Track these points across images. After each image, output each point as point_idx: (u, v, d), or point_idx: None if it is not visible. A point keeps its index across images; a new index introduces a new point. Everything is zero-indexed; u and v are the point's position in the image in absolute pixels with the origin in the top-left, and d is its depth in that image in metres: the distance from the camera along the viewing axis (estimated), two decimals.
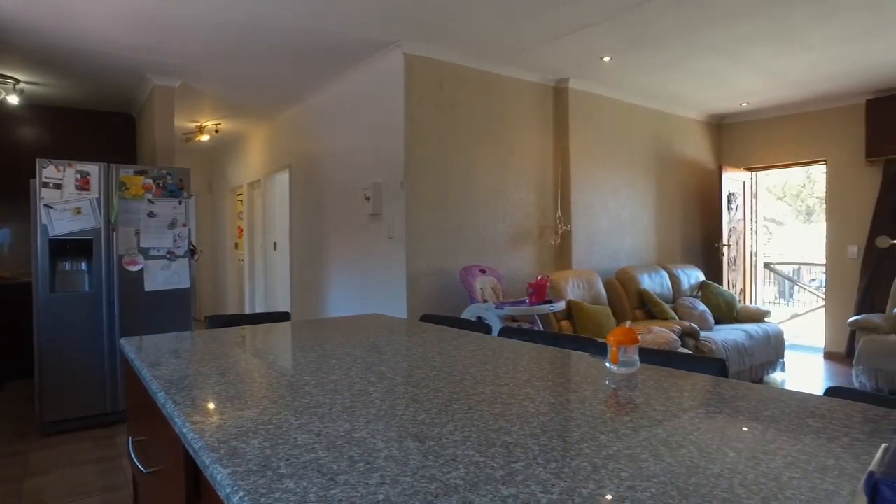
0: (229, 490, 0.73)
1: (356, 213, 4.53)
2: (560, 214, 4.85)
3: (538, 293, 3.75)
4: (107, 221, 3.65)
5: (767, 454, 0.83)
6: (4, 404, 4.22)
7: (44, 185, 3.44)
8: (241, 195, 7.53)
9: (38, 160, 3.45)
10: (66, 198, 3.51)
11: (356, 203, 4.50)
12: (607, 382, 1.26)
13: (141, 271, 3.77)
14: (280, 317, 2.39)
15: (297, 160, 5.68)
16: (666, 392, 1.17)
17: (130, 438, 1.57)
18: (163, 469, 1.23)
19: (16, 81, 4.63)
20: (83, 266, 3.65)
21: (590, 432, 0.93)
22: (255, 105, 5.67)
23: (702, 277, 5.58)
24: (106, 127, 5.64)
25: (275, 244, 6.73)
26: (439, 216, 4.11)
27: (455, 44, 3.98)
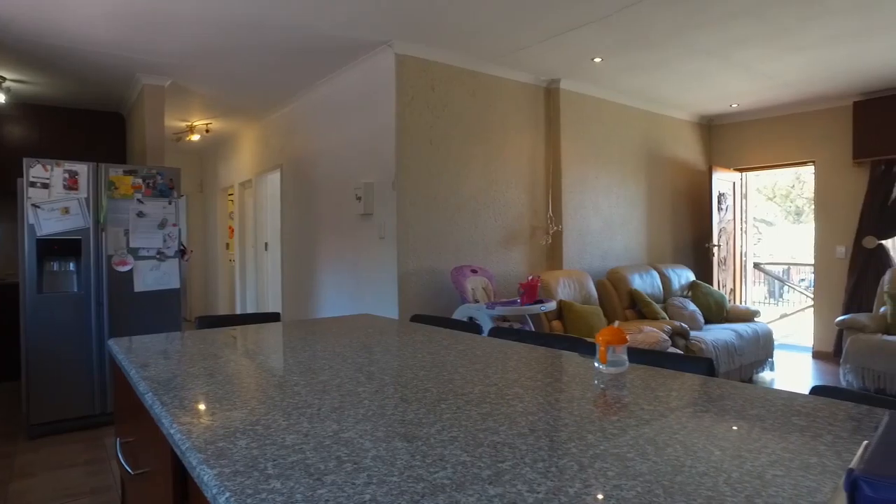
0: (216, 491, 0.73)
1: (347, 213, 4.52)
2: (551, 215, 4.86)
3: (529, 293, 3.76)
4: (95, 221, 3.62)
5: (752, 452, 0.84)
6: None
7: (31, 185, 3.41)
8: (232, 195, 7.50)
9: (25, 159, 3.42)
10: (54, 197, 3.48)
11: (347, 203, 4.49)
12: (596, 382, 1.27)
13: (130, 272, 3.74)
14: (270, 317, 2.38)
15: (289, 160, 5.66)
16: (653, 391, 1.18)
17: (118, 440, 1.56)
18: (150, 470, 1.23)
19: (2, 79, 4.58)
20: (71, 266, 3.62)
21: (577, 432, 0.93)
22: (246, 105, 5.64)
23: (692, 277, 5.62)
24: (95, 126, 5.60)
25: (266, 244, 6.71)
26: (431, 216, 4.11)
27: (446, 44, 3.98)
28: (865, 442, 0.65)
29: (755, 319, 5.17)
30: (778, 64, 4.49)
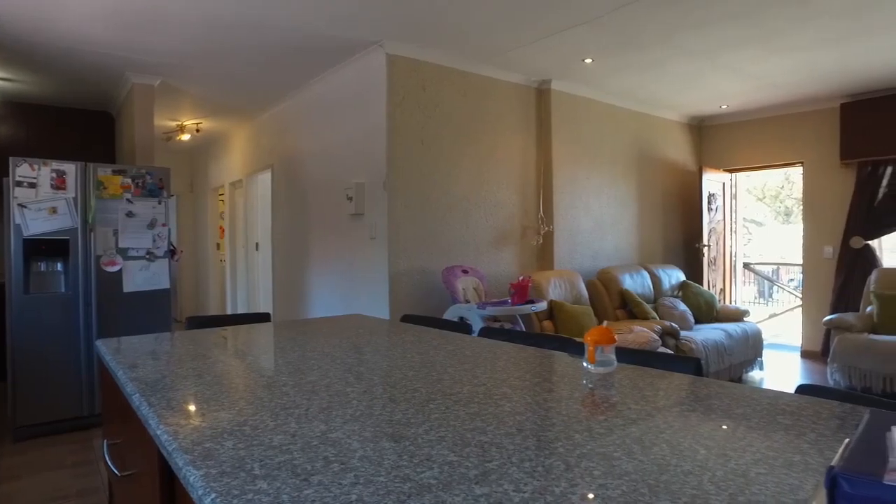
0: (202, 492, 0.72)
1: (338, 214, 4.51)
2: (542, 215, 4.87)
3: (520, 293, 3.76)
4: (84, 221, 3.59)
5: (737, 451, 0.84)
6: None
7: (17, 184, 3.37)
8: (223, 195, 7.46)
9: (12, 158, 3.39)
10: (42, 197, 3.45)
11: (338, 203, 4.48)
12: (584, 382, 1.28)
13: (119, 272, 3.71)
14: (260, 317, 2.37)
15: (280, 160, 5.64)
16: (641, 391, 1.19)
17: (105, 441, 1.55)
18: (137, 472, 1.22)
19: None
20: (59, 267, 3.59)
21: (564, 431, 0.94)
22: (237, 104, 5.62)
23: (682, 277, 5.65)
24: (83, 125, 5.55)
25: (257, 244, 6.68)
26: (422, 216, 4.11)
27: (437, 44, 3.98)
28: (847, 440, 0.66)
29: (745, 319, 5.21)
30: (767, 66, 4.53)
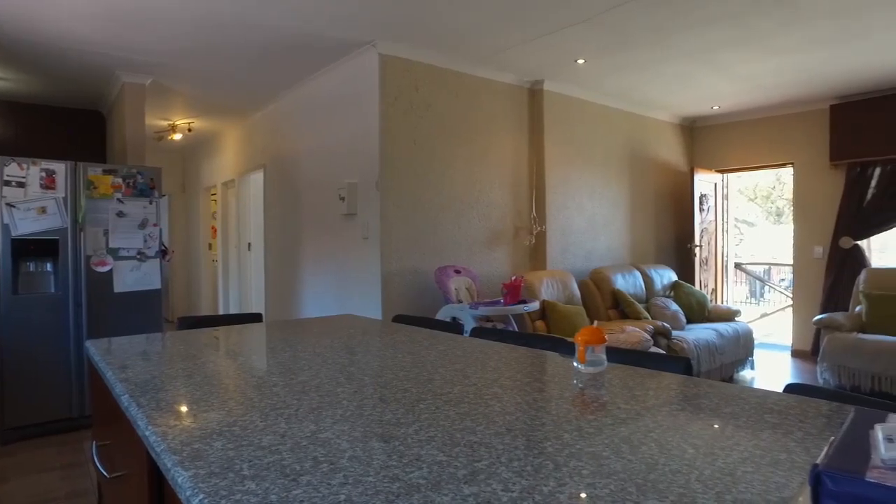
0: (189, 493, 0.72)
1: (331, 214, 4.50)
2: (535, 215, 4.88)
3: (512, 293, 3.77)
4: (74, 221, 3.57)
5: (725, 450, 0.85)
6: None
7: (5, 184, 3.35)
8: (215, 195, 7.42)
9: (0, 157, 3.36)
10: (30, 196, 3.42)
11: (331, 203, 4.47)
12: (574, 382, 1.28)
13: (110, 272, 3.69)
14: (252, 318, 2.36)
15: (272, 160, 5.62)
16: (631, 391, 1.19)
17: (94, 443, 1.54)
18: (126, 473, 1.21)
19: None
20: (48, 267, 3.56)
21: (554, 431, 0.94)
22: (229, 104, 5.59)
23: (674, 277, 5.68)
24: (73, 124, 5.51)
25: (249, 245, 6.65)
26: (414, 217, 4.11)
27: (430, 44, 3.98)
28: (832, 438, 0.66)
29: (736, 319, 5.24)
30: (757, 67, 4.56)
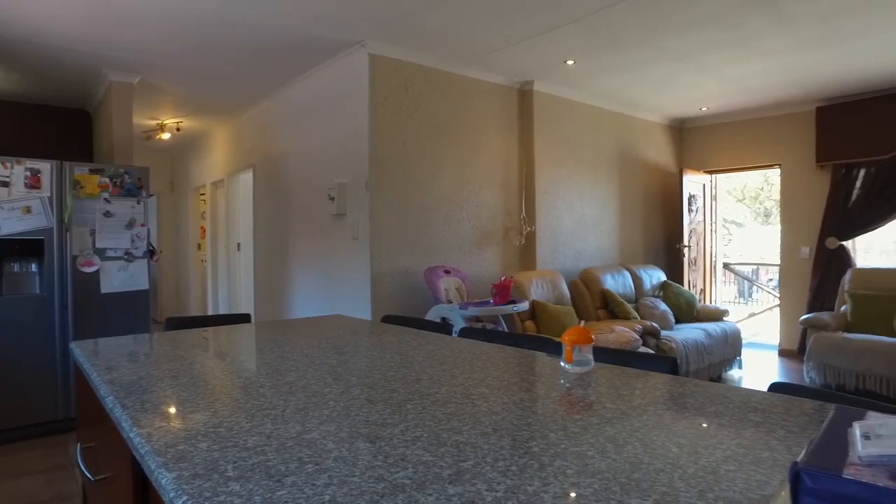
0: (173, 494, 0.72)
1: (320, 214, 4.49)
2: (524, 215, 4.90)
3: (502, 294, 3.78)
4: (59, 221, 3.53)
5: (708, 448, 0.86)
6: None
7: None
8: (204, 195, 7.37)
9: None
10: (15, 196, 3.38)
11: (320, 203, 4.46)
12: (561, 381, 1.29)
13: (97, 272, 3.65)
14: (240, 318, 2.35)
15: (261, 160, 5.59)
16: (617, 390, 1.20)
17: (79, 445, 1.53)
18: (111, 476, 1.20)
19: None
20: (34, 267, 3.52)
21: (539, 430, 0.94)
22: (218, 103, 5.56)
23: (663, 278, 5.72)
24: (59, 123, 5.44)
25: (238, 245, 6.61)
26: (404, 217, 4.11)
27: (420, 45, 3.98)
28: (814, 436, 0.67)
29: (724, 319, 5.28)
30: (745, 69, 4.60)
